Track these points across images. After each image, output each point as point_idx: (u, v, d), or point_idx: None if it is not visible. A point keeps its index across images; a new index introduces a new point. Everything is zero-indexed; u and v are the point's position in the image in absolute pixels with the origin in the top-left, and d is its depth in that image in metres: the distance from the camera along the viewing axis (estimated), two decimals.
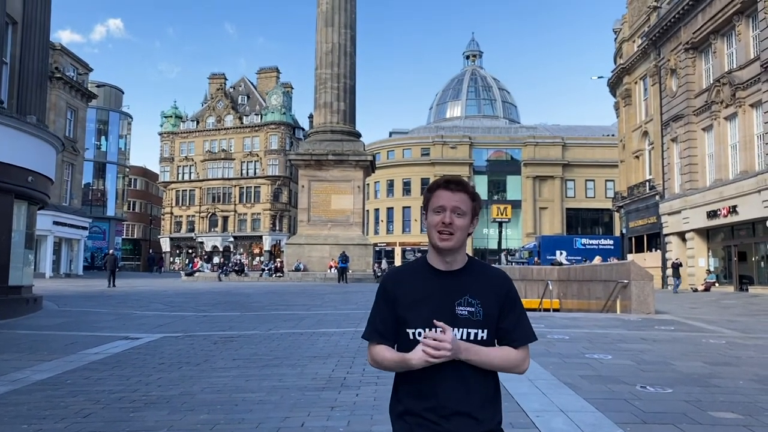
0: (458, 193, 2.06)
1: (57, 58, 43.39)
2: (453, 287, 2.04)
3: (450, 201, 2.05)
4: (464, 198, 2.07)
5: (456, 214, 2.04)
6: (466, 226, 2.06)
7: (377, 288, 2.16)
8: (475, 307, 1.99)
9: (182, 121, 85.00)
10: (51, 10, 17.44)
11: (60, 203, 42.04)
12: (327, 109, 39.07)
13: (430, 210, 2.10)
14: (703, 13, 30.42)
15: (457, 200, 2.05)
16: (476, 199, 2.10)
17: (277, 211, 78.57)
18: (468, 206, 2.07)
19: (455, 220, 2.04)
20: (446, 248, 2.05)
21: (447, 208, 2.05)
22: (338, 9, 38.92)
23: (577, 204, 68.56)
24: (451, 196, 2.06)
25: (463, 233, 2.06)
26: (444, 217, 2.04)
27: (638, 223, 39.38)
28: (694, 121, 31.72)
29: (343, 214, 37.14)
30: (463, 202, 2.06)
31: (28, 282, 16.20)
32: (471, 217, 2.08)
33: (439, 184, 2.11)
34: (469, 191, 2.09)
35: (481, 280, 2.06)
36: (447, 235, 2.04)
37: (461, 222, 2.05)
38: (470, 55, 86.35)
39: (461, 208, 2.05)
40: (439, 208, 2.07)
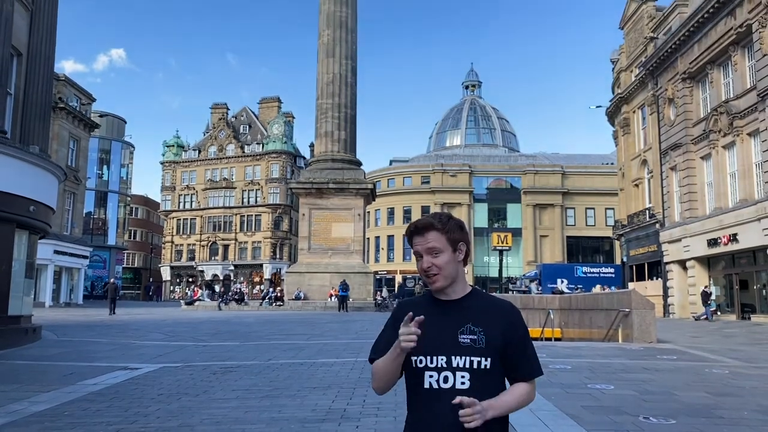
0: (428, 234, 2.09)
1: (61, 88, 43.85)
2: (455, 315, 2.06)
3: (422, 244, 2.09)
4: (435, 235, 2.08)
5: (432, 254, 2.07)
6: (448, 260, 2.08)
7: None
8: (478, 335, 2.00)
9: (184, 150, 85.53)
10: (56, 42, 17.69)
11: (61, 232, 42.08)
12: (328, 138, 39.33)
13: (415, 256, 2.15)
14: (699, 43, 30.79)
15: (429, 240, 2.08)
16: (450, 230, 2.09)
17: (277, 239, 78.58)
18: (442, 241, 2.08)
19: (433, 261, 2.07)
20: (438, 289, 2.10)
21: (422, 253, 2.10)
22: (339, 41, 39.42)
23: (577, 232, 68.56)
24: (422, 239, 2.10)
25: (449, 268, 2.08)
26: (423, 262, 2.09)
27: (639, 251, 39.33)
28: (692, 149, 31.90)
29: (344, 242, 37.14)
30: (436, 239, 2.08)
31: (28, 312, 16.14)
32: (452, 249, 2.09)
33: (411, 230, 2.15)
34: (438, 227, 2.09)
35: (484, 308, 2.07)
36: (434, 276, 2.08)
37: (440, 260, 2.07)
38: (469, 85, 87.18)
39: (436, 246, 2.07)
40: (416, 253, 2.12)
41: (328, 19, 39.56)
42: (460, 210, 67.87)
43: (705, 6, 29.19)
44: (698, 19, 30.02)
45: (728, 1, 27.70)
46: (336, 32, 39.43)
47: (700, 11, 29.74)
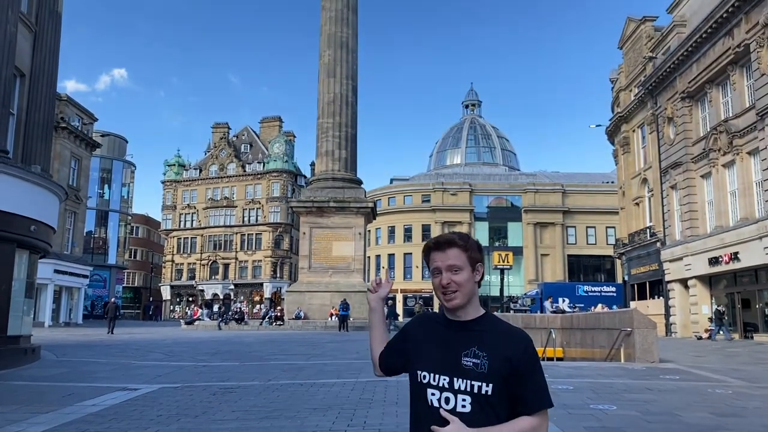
0: (449, 250, 2.08)
1: (63, 108, 44.10)
2: (463, 337, 2.05)
3: (443, 261, 2.08)
4: (456, 253, 2.07)
5: (452, 271, 2.06)
6: (466, 279, 2.07)
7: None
8: (481, 360, 1.97)
9: (185, 169, 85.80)
10: (59, 62, 17.83)
11: (61, 251, 42.06)
12: (328, 157, 39.46)
13: (430, 272, 2.14)
14: (698, 63, 30.99)
15: (450, 258, 2.07)
16: (470, 248, 2.09)
17: (278, 258, 78.50)
18: (463, 260, 2.07)
19: (453, 278, 2.05)
20: (454, 307, 2.08)
21: (442, 269, 2.08)
22: (340, 61, 39.71)
23: (578, 251, 68.47)
24: (443, 256, 2.08)
25: (467, 287, 2.07)
26: (441, 278, 2.07)
27: (640, 270, 39.25)
28: (692, 168, 31.96)
29: (344, 261, 37.09)
30: (457, 257, 2.07)
31: (27, 332, 16.08)
32: (471, 268, 2.08)
33: (430, 246, 2.14)
34: (460, 244, 2.09)
35: (493, 333, 2.04)
36: (451, 294, 2.06)
37: (460, 278, 2.06)
38: (469, 104, 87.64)
39: (456, 264, 2.06)
40: (435, 270, 2.10)
41: (329, 39, 39.90)
42: (461, 229, 67.75)
43: (703, 26, 29.42)
44: (696, 39, 30.24)
45: (726, 22, 27.92)
46: (337, 53, 39.74)
47: (698, 31, 29.96)
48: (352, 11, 40.72)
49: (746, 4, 26.22)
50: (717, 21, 28.33)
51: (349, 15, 40.39)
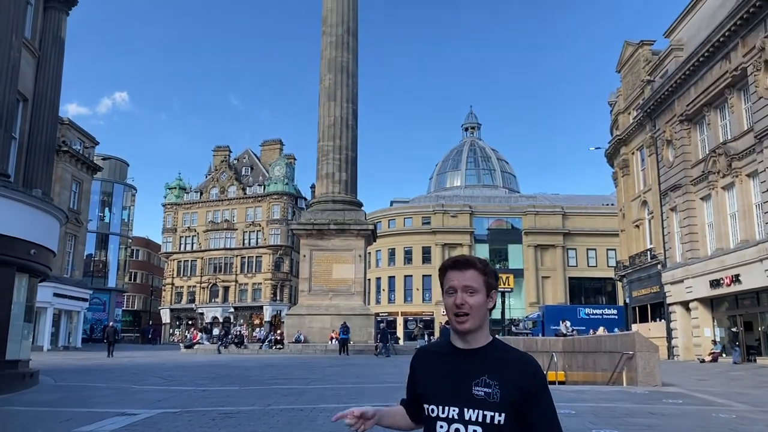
0: (467, 271, 2.04)
1: (64, 132, 44.36)
2: (472, 366, 2.01)
3: (460, 280, 2.04)
4: (474, 275, 2.04)
5: (468, 293, 2.02)
6: (480, 303, 2.03)
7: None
8: (493, 389, 1.93)
9: (186, 192, 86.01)
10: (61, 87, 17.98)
11: (61, 275, 41.98)
12: (329, 179, 39.57)
13: (444, 292, 2.10)
14: (696, 86, 31.22)
15: (467, 278, 2.03)
16: (488, 273, 2.06)
17: (278, 280, 78.32)
18: (479, 283, 2.04)
19: (468, 300, 2.02)
20: (464, 330, 2.04)
21: (457, 289, 2.04)
22: (340, 85, 40.02)
23: (579, 273, 68.34)
24: (460, 276, 2.05)
25: (480, 312, 2.03)
26: (456, 298, 2.03)
27: (641, 292, 39.12)
28: (692, 190, 32.03)
29: (345, 283, 36.98)
30: (474, 279, 2.04)
31: (26, 356, 15.99)
32: (486, 292, 2.05)
33: (447, 265, 2.11)
34: (479, 267, 2.06)
35: (503, 361, 2.00)
36: (463, 317, 2.02)
37: (474, 300, 2.02)
38: (469, 127, 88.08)
39: (472, 286, 2.03)
40: (450, 289, 2.06)
41: (330, 64, 40.25)
42: (462, 251, 67.71)
43: (700, 50, 29.69)
44: (694, 63, 30.51)
45: (723, 46, 28.19)
46: (337, 77, 40.06)
47: (695, 55, 30.24)
48: (352, 36, 41.14)
49: (743, 29, 26.49)
50: (714, 45, 28.60)
51: (350, 40, 40.79)
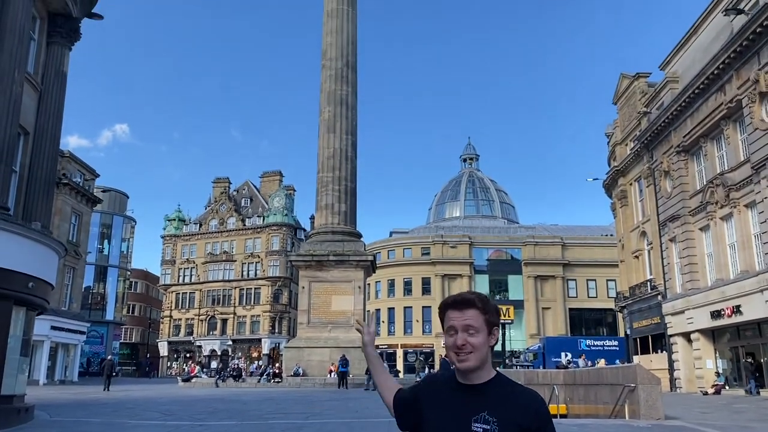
0: (467, 311, 2.04)
1: (65, 164, 44.56)
2: (473, 402, 2.00)
3: (460, 320, 2.04)
4: (474, 314, 2.04)
5: (468, 333, 2.02)
6: (482, 342, 2.02)
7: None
8: (491, 426, 1.92)
9: (185, 224, 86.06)
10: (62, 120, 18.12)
11: (59, 307, 41.74)
12: (328, 210, 39.63)
13: (444, 331, 2.10)
14: (692, 118, 31.49)
15: (467, 318, 2.03)
16: (489, 311, 2.06)
17: (276, 312, 77.87)
18: (480, 322, 2.03)
19: (468, 340, 2.01)
20: (466, 369, 2.03)
21: (458, 329, 2.04)
22: (340, 117, 40.37)
23: (579, 304, 68.05)
24: (460, 315, 2.04)
25: (481, 350, 2.02)
26: (457, 339, 2.03)
27: (642, 323, 38.89)
28: (690, 221, 32.07)
29: (344, 315, 36.75)
30: (474, 318, 2.03)
31: (21, 391, 15.81)
32: (487, 331, 2.04)
33: (447, 304, 2.11)
34: (479, 306, 2.05)
35: (504, 397, 1.99)
36: (464, 356, 2.02)
37: (475, 340, 2.01)
38: (467, 158, 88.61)
39: (473, 325, 2.02)
40: (450, 329, 2.06)
41: (329, 96, 40.65)
42: (461, 281, 67.54)
43: (695, 82, 30.02)
44: (689, 95, 30.82)
45: (717, 78, 28.51)
46: (337, 109, 40.42)
47: (690, 87, 30.56)
48: (351, 70, 41.62)
49: (736, 62, 26.83)
50: (709, 77, 28.93)
51: (349, 73, 41.26)
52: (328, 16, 41.92)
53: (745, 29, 25.45)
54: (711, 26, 30.99)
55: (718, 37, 29.34)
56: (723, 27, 29.02)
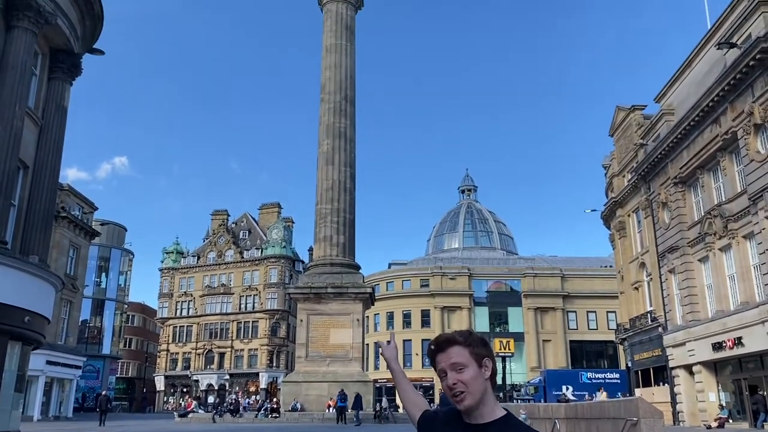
0: (450, 349, 2.03)
1: (64, 198, 44.63)
2: None
3: (446, 361, 2.03)
4: (458, 350, 2.02)
5: (457, 370, 2.00)
6: (473, 377, 1.99)
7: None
8: None
9: (183, 256, 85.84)
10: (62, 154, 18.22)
11: (55, 341, 41.35)
12: (327, 242, 39.60)
13: (439, 376, 2.10)
14: (688, 149, 31.70)
15: (453, 356, 2.01)
16: (473, 343, 2.03)
17: (274, 346, 77.20)
18: (465, 356, 2.01)
19: (459, 377, 1.99)
20: (466, 408, 2.00)
21: (446, 370, 2.03)
22: (338, 149, 40.64)
23: (580, 336, 67.60)
24: (445, 356, 2.03)
25: (476, 385, 1.99)
26: (448, 379, 2.02)
27: (643, 355, 38.57)
28: (689, 252, 32.04)
29: (342, 348, 36.44)
30: (459, 354, 2.01)
31: (15, 427, 15.58)
32: (476, 365, 2.01)
33: (432, 349, 2.11)
34: (459, 341, 2.03)
35: None
36: (460, 395, 1.99)
37: (465, 376, 1.99)
38: (465, 189, 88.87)
39: (459, 362, 2.00)
40: (441, 372, 2.06)
41: (328, 129, 40.98)
42: (461, 314, 67.20)
43: (690, 114, 30.30)
44: (685, 127, 31.07)
45: (712, 110, 28.78)
46: (335, 141, 40.71)
47: (686, 119, 30.84)
48: (350, 103, 42.06)
49: (731, 94, 27.13)
50: (703, 110, 29.20)
51: (347, 106, 41.68)
52: (327, 51, 42.51)
53: (738, 63, 25.80)
54: (705, 59, 31.42)
55: (712, 70, 29.72)
56: (716, 60, 29.42)
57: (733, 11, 28.35)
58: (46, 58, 17.71)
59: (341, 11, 42.95)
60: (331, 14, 42.91)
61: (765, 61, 24.48)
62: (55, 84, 17.97)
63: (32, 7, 15.41)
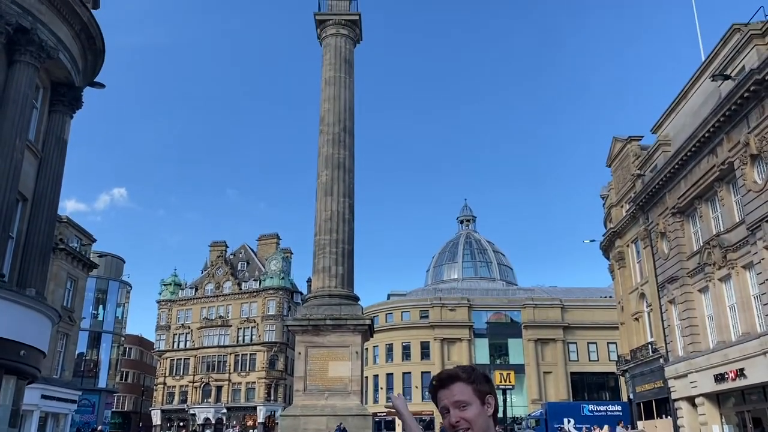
0: (453, 386, 2.00)
1: (62, 230, 44.57)
2: None
3: (449, 398, 2.00)
4: (461, 387, 1.99)
5: (460, 408, 1.97)
6: (476, 414, 1.96)
7: None
8: None
9: (181, 288, 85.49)
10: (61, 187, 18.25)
11: (50, 375, 40.87)
12: (325, 273, 39.41)
13: (440, 413, 2.06)
14: (685, 180, 31.80)
15: (455, 393, 1.99)
16: (476, 380, 2.01)
17: (272, 379, 76.41)
18: (468, 393, 1.98)
19: (461, 416, 1.96)
20: None
21: (449, 407, 2.00)
22: (337, 180, 40.71)
23: (581, 368, 66.97)
24: (448, 393, 2.01)
25: (480, 422, 1.96)
26: (450, 417, 1.99)
27: (645, 387, 38.16)
28: (689, 282, 31.92)
29: (341, 382, 36.00)
30: (462, 392, 1.98)
31: None
32: (479, 402, 1.99)
33: (434, 385, 2.07)
34: (463, 377, 2.00)
35: None
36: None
37: (469, 414, 1.96)
38: (464, 219, 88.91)
39: (462, 399, 1.98)
40: (443, 409, 2.03)
41: (327, 160, 41.11)
42: (461, 346, 66.67)
43: (687, 145, 30.48)
44: (682, 158, 31.22)
45: (708, 141, 28.96)
46: (334, 172, 40.80)
47: (682, 150, 31.00)
48: (349, 134, 42.28)
49: (726, 125, 27.33)
50: (700, 140, 29.38)
51: (346, 138, 41.89)
52: (326, 83, 42.91)
53: (732, 94, 26.05)
54: (700, 91, 31.72)
55: (707, 102, 30.00)
56: (711, 91, 29.71)
57: (726, 44, 28.76)
58: (47, 91, 17.87)
59: (340, 45, 43.48)
60: (330, 48, 43.42)
61: (759, 92, 24.72)
62: (56, 117, 18.10)
63: (35, 42, 15.60)
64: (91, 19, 17.94)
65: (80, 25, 17.55)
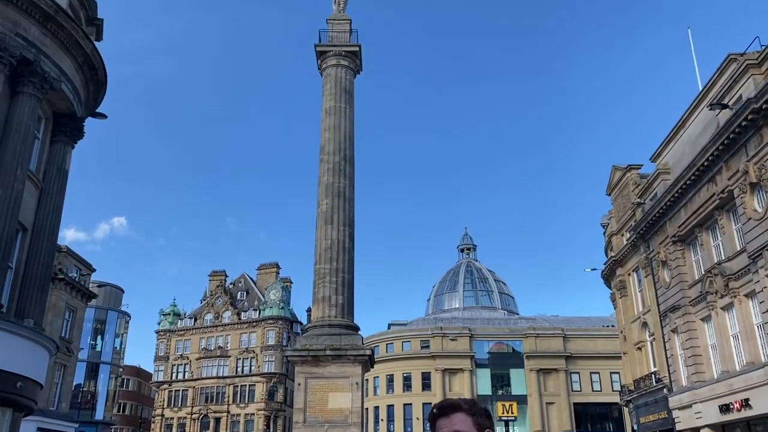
0: (454, 415, 1.99)
1: (62, 259, 44.47)
2: None
3: (449, 426, 1.98)
4: (462, 418, 1.98)
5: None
6: None
7: None
8: None
9: (180, 318, 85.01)
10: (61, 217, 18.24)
11: (47, 407, 40.39)
12: (325, 303, 39.17)
13: None
14: (685, 208, 31.82)
15: (456, 423, 1.98)
16: (477, 413, 2.00)
17: (271, 411, 75.49)
18: (469, 425, 1.97)
19: None
20: None
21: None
22: (337, 209, 40.71)
23: (584, 398, 66.18)
24: (448, 422, 1.99)
25: None
26: None
27: (649, 418, 37.64)
28: (691, 311, 31.72)
29: (341, 413, 35.48)
30: (462, 422, 1.97)
31: None
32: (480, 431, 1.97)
33: (434, 413, 2.06)
34: (464, 408, 2.00)
35: None
36: None
37: None
38: (464, 248, 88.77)
39: (463, 430, 1.97)
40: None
41: (327, 189, 41.18)
42: (462, 376, 66.00)
43: (686, 174, 30.56)
44: (681, 186, 31.28)
45: (707, 169, 29.04)
46: (334, 201, 40.83)
47: (682, 178, 31.08)
48: (349, 163, 42.42)
49: (725, 153, 27.44)
50: (699, 169, 29.46)
51: (346, 167, 42.02)
52: (326, 113, 43.20)
53: (730, 123, 26.22)
54: (698, 120, 31.92)
55: (706, 130, 30.17)
56: (709, 120, 29.90)
57: (723, 73, 29.02)
58: (49, 122, 17.98)
59: (340, 75, 43.88)
60: (330, 78, 43.82)
61: (757, 121, 24.88)
62: (57, 147, 18.18)
63: (37, 73, 15.74)
64: (94, 50, 18.14)
65: (83, 57, 17.74)
